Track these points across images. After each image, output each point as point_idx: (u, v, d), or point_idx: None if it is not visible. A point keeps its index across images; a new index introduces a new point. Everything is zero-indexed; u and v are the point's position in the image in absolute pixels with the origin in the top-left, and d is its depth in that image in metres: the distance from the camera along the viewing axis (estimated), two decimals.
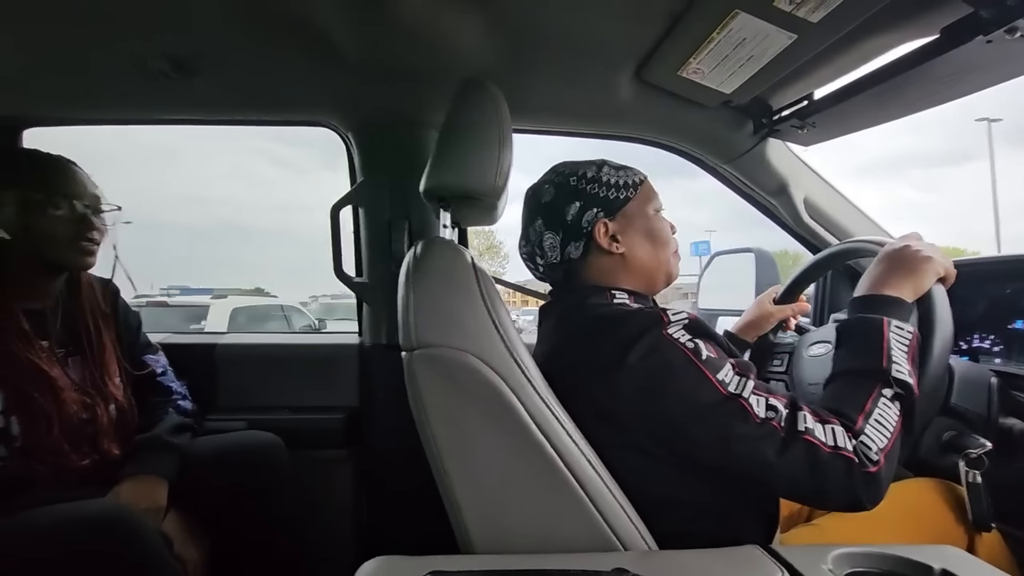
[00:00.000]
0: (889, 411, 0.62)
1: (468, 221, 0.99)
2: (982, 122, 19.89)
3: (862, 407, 0.62)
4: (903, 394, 0.63)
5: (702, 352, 0.63)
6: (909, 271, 0.72)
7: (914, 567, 0.53)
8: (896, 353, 0.64)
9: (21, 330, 0.93)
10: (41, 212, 0.94)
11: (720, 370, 0.62)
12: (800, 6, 0.77)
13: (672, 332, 0.64)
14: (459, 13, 0.90)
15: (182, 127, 1.36)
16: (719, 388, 0.61)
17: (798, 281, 1.08)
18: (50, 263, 0.98)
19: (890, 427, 0.61)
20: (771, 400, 0.61)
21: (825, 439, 0.59)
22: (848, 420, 0.61)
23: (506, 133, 0.73)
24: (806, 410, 0.61)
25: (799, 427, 0.59)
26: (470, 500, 0.63)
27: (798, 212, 1.29)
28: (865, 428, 0.60)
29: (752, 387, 0.62)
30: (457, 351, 0.63)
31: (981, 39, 0.74)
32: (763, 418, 0.60)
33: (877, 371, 0.64)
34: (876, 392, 0.63)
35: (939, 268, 0.73)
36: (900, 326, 0.67)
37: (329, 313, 8.43)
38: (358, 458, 1.32)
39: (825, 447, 0.58)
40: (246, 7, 0.89)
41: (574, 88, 1.14)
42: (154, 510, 0.93)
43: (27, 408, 0.91)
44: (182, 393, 1.15)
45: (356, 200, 1.27)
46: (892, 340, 0.65)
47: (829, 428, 0.60)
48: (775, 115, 1.15)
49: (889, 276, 0.72)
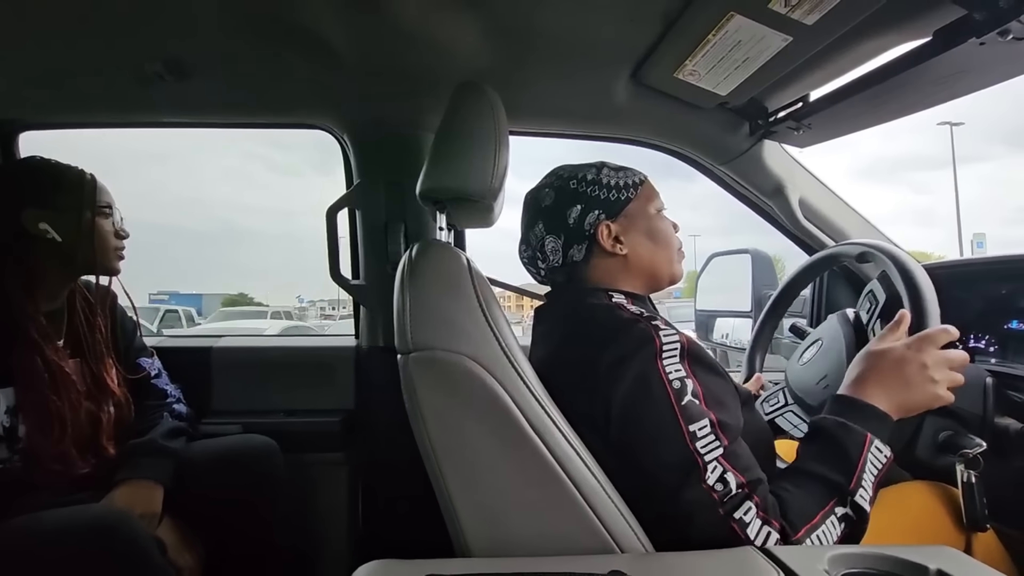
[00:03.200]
0: (832, 530, 0.60)
1: (464, 223, 0.99)
2: (959, 126, 20.09)
3: (810, 520, 0.60)
4: (854, 519, 0.61)
5: (685, 395, 0.61)
6: (907, 387, 0.67)
7: (910, 567, 0.53)
8: (866, 476, 0.62)
9: (41, 327, 0.95)
10: (93, 221, 1.01)
11: (696, 422, 0.61)
12: (795, 8, 0.77)
13: (664, 362, 0.63)
14: (455, 16, 0.90)
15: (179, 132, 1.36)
16: (685, 441, 0.60)
17: (780, 298, 1.09)
18: (87, 268, 1.02)
19: (825, 543, 0.60)
20: (727, 475, 0.60)
21: (752, 538, 0.58)
22: (791, 529, 0.59)
23: (502, 135, 0.73)
24: (755, 502, 0.59)
25: (735, 515, 0.58)
26: (466, 503, 0.63)
27: (794, 213, 1.29)
28: (803, 542, 0.59)
29: (719, 454, 0.60)
30: (453, 354, 0.62)
31: (974, 41, 0.74)
32: (709, 486, 0.59)
33: (840, 488, 0.61)
34: (830, 507, 0.61)
35: (940, 398, 0.68)
36: (879, 448, 0.64)
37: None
38: (354, 462, 1.32)
39: (746, 542, 0.58)
40: (241, 10, 0.89)
41: (570, 90, 1.14)
42: (149, 515, 0.93)
43: (40, 408, 0.92)
44: (176, 396, 1.15)
45: (352, 202, 1.27)
46: (868, 461, 0.62)
47: (765, 531, 0.58)
48: (771, 117, 1.16)
49: (885, 383, 0.68)
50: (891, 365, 0.69)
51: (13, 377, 0.91)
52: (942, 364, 0.68)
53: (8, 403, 0.90)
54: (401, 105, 1.19)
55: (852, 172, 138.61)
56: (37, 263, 0.96)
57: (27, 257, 0.96)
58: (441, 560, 0.57)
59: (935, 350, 0.69)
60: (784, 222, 1.35)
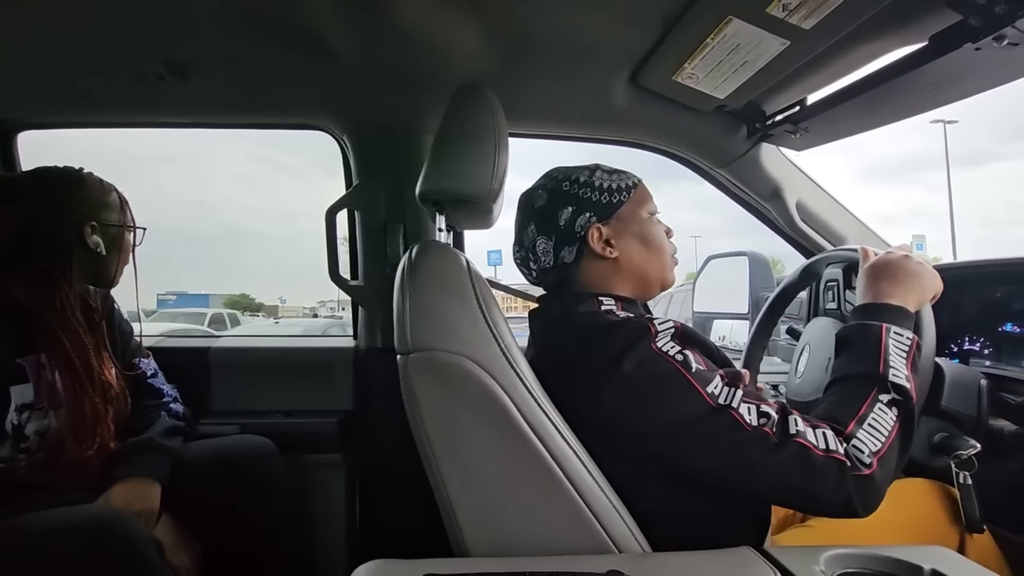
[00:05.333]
0: (884, 416, 0.61)
1: (463, 225, 0.99)
2: (953, 124, 20.12)
3: (856, 412, 0.61)
4: (900, 399, 0.62)
5: (691, 364, 0.63)
6: (913, 283, 0.71)
7: (905, 567, 0.53)
8: (894, 359, 0.64)
9: (83, 330, 0.99)
10: (134, 241, 1.09)
11: (709, 383, 0.62)
12: (793, 13, 0.77)
13: (661, 344, 0.64)
14: (455, 18, 0.91)
15: (183, 135, 1.36)
16: (708, 401, 0.61)
17: (777, 300, 1.09)
18: (104, 281, 1.07)
19: (884, 431, 0.60)
20: (762, 407, 0.61)
21: (816, 442, 0.59)
22: (839, 425, 0.61)
23: (502, 137, 0.73)
24: (796, 415, 0.61)
25: (790, 430, 0.59)
26: (465, 503, 0.63)
27: (791, 216, 1.30)
28: (857, 432, 0.60)
29: (741, 396, 0.62)
30: (452, 355, 0.63)
31: (970, 46, 0.75)
32: (755, 425, 0.60)
33: (873, 376, 0.63)
34: (872, 397, 0.62)
35: (936, 283, 0.73)
36: (899, 332, 0.66)
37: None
38: (352, 462, 1.31)
39: (817, 450, 0.58)
40: (241, 11, 0.90)
41: (569, 93, 1.15)
42: (147, 512, 0.93)
43: (77, 411, 0.94)
44: (173, 396, 1.15)
45: (351, 203, 1.27)
46: (891, 345, 0.65)
47: (820, 432, 0.60)
48: (768, 120, 1.17)
49: (892, 286, 0.71)
50: (889, 267, 0.73)
51: (32, 375, 0.92)
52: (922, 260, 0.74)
53: (20, 400, 0.91)
54: (400, 106, 1.19)
55: (862, 172, 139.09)
56: (77, 270, 1.01)
57: (75, 265, 1.00)
58: (439, 560, 0.57)
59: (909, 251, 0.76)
60: (781, 225, 1.36)
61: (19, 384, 0.91)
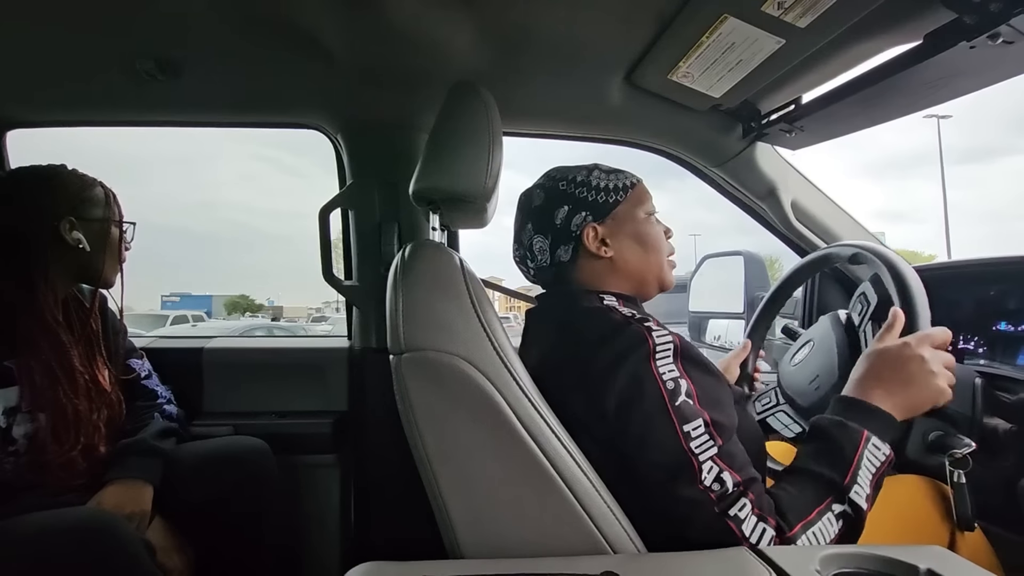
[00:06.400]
0: (830, 527, 0.60)
1: (458, 224, 0.98)
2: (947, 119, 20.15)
3: (805, 516, 0.60)
4: (851, 516, 0.61)
5: (679, 395, 0.61)
6: (912, 391, 0.67)
7: (901, 567, 0.53)
8: (863, 473, 0.62)
9: (63, 331, 0.97)
10: (120, 236, 1.06)
11: (690, 422, 0.61)
12: (788, 11, 0.77)
13: (658, 363, 0.63)
14: (449, 16, 0.90)
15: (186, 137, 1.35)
16: (680, 440, 0.60)
17: (772, 299, 1.10)
18: (95, 279, 1.04)
19: (823, 541, 0.60)
20: (723, 474, 0.60)
21: (747, 534, 0.58)
22: (787, 525, 0.60)
23: (496, 136, 0.72)
24: (750, 499, 0.60)
25: (731, 512, 0.59)
26: (458, 504, 0.63)
27: (786, 215, 1.30)
28: (799, 538, 0.59)
29: (713, 453, 0.60)
30: (445, 354, 0.62)
31: (964, 45, 0.75)
32: (705, 486, 0.59)
33: (835, 485, 0.61)
34: (825, 505, 0.61)
35: (944, 392, 0.67)
36: (877, 445, 0.63)
37: None
38: (346, 463, 1.31)
39: (743, 540, 0.58)
40: (234, 9, 0.89)
41: (564, 91, 1.14)
42: (139, 514, 0.92)
43: (59, 414, 0.93)
44: (167, 397, 1.14)
45: (345, 203, 1.26)
46: (864, 457, 0.62)
47: (760, 528, 0.59)
48: (764, 119, 1.17)
49: (886, 382, 0.67)
50: (890, 363, 0.68)
51: (17, 378, 0.91)
52: (940, 360, 0.68)
53: (6, 404, 0.90)
54: (395, 105, 1.19)
55: (867, 167, 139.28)
56: (60, 269, 0.99)
57: (55, 263, 0.98)
58: (433, 562, 0.57)
59: (932, 348, 0.69)
60: (776, 224, 1.36)
61: (5, 387, 0.90)
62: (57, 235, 0.97)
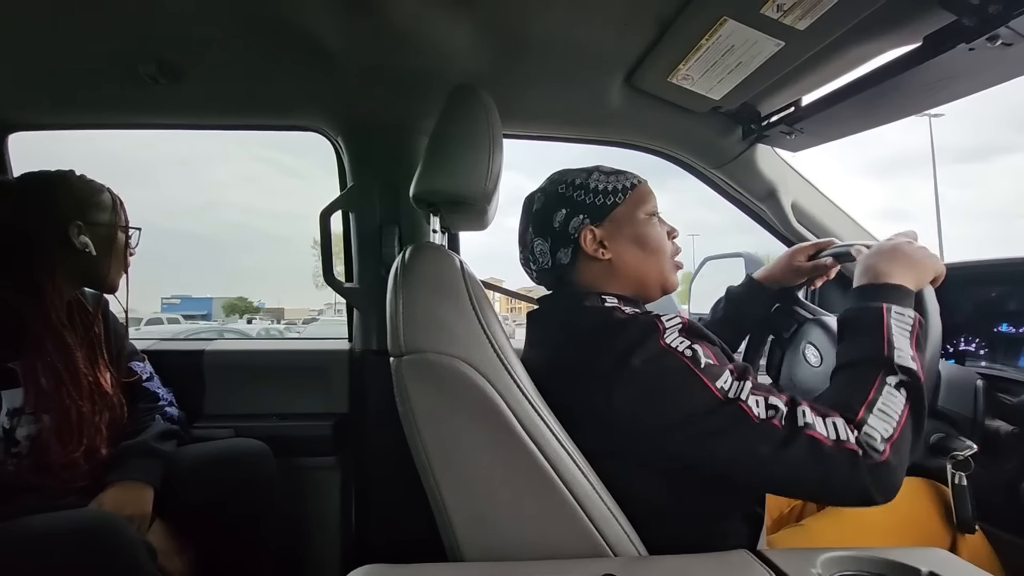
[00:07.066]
0: (894, 399, 0.60)
1: (458, 226, 0.99)
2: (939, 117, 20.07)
3: (865, 398, 0.60)
4: (908, 380, 0.61)
5: (700, 359, 0.62)
6: (911, 263, 0.71)
7: (902, 570, 0.53)
8: (898, 339, 0.63)
9: (68, 333, 0.98)
10: (126, 241, 1.07)
11: (719, 377, 0.61)
12: (787, 14, 0.77)
13: (669, 339, 0.63)
14: (449, 19, 0.90)
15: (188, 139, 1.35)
16: (717, 395, 0.60)
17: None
18: (100, 283, 1.05)
19: (895, 415, 0.59)
20: (770, 399, 0.60)
21: (826, 433, 0.57)
22: (850, 412, 0.59)
23: (496, 138, 0.73)
24: (806, 405, 0.60)
25: (799, 423, 0.58)
26: (459, 507, 0.63)
27: (787, 217, 1.30)
28: (868, 419, 0.59)
29: (750, 389, 0.61)
30: (446, 356, 0.62)
31: (964, 47, 0.75)
32: (763, 418, 0.59)
33: (879, 359, 0.62)
34: (879, 381, 0.61)
35: (938, 263, 0.73)
36: (901, 312, 0.65)
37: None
38: (347, 466, 1.31)
39: (827, 441, 0.57)
40: (235, 12, 0.89)
41: (564, 94, 1.14)
42: (140, 516, 0.92)
43: (64, 416, 0.94)
44: (169, 399, 1.14)
45: (346, 205, 1.26)
46: (893, 325, 0.64)
47: (830, 421, 0.58)
48: (763, 121, 1.17)
49: (889, 267, 0.70)
50: (885, 252, 0.73)
51: (22, 380, 0.91)
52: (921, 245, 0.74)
53: (11, 405, 0.90)
54: (395, 107, 1.19)
55: (869, 166, 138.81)
56: (67, 272, 1.00)
57: (62, 266, 0.99)
58: (433, 564, 0.57)
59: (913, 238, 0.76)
60: (777, 225, 1.36)
61: (9, 388, 0.90)
62: (65, 239, 0.98)
